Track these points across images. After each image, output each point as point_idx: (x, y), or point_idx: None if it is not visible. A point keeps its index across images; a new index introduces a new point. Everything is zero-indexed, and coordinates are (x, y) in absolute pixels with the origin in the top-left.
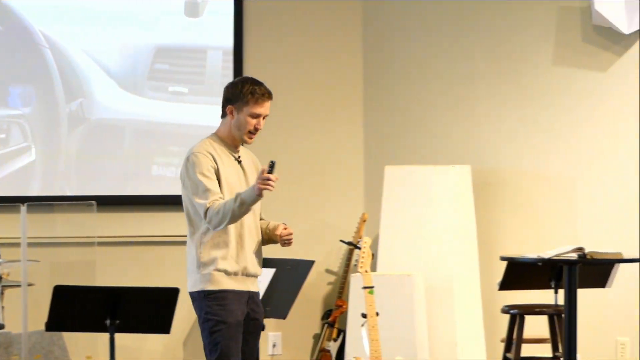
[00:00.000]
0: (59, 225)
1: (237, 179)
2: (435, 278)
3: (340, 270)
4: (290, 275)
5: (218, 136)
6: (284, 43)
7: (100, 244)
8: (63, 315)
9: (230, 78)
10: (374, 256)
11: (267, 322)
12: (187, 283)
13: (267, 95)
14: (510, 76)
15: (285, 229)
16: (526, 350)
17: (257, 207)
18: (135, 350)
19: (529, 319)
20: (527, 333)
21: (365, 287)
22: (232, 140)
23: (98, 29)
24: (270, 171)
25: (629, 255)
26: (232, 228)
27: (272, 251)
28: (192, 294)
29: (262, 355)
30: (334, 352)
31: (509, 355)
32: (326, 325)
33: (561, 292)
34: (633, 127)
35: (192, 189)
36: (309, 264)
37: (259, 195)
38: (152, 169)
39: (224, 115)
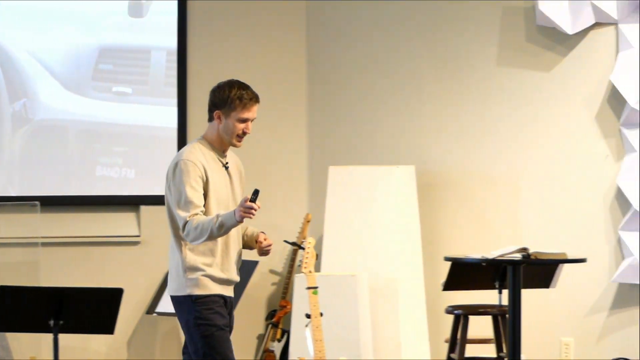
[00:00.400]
0: (2, 226)
1: (224, 186)
2: (380, 278)
3: (284, 270)
4: None
5: (207, 140)
6: (228, 43)
7: (44, 244)
8: (6, 315)
9: (174, 78)
10: (318, 256)
11: None
12: (169, 285)
13: (255, 99)
14: (454, 77)
15: (265, 239)
16: (470, 350)
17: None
18: (79, 351)
19: (473, 319)
20: (471, 333)
21: (309, 288)
22: (221, 145)
23: (42, 29)
24: (254, 199)
25: (573, 255)
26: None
27: None
28: (176, 298)
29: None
30: (278, 353)
31: (453, 355)
32: (270, 326)
33: (505, 292)
34: (577, 128)
35: (175, 197)
36: (252, 265)
37: (239, 222)
38: (96, 169)
39: (210, 119)
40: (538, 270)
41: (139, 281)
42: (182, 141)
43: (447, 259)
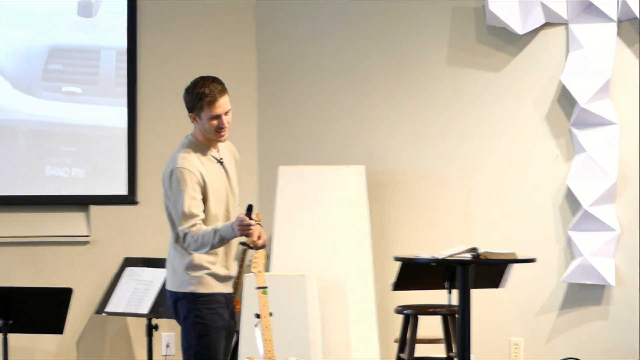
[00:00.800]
0: None
1: (222, 183)
2: (329, 278)
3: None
4: None
5: (197, 140)
6: (177, 43)
7: None
8: None
9: (124, 78)
10: (267, 256)
11: (160, 322)
12: (169, 281)
13: (218, 93)
14: (405, 77)
15: (259, 237)
16: (420, 350)
17: (237, 206)
18: (29, 351)
19: (422, 319)
20: (421, 333)
21: (258, 288)
22: (209, 142)
23: None
24: (249, 215)
25: (523, 255)
26: None
27: (166, 251)
28: (177, 294)
29: (155, 356)
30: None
31: (402, 355)
32: None
33: (455, 292)
34: (527, 128)
35: (173, 206)
36: None
37: (238, 236)
38: (46, 169)
39: (193, 120)
40: (488, 270)
41: (88, 281)
42: (131, 141)
43: (396, 259)
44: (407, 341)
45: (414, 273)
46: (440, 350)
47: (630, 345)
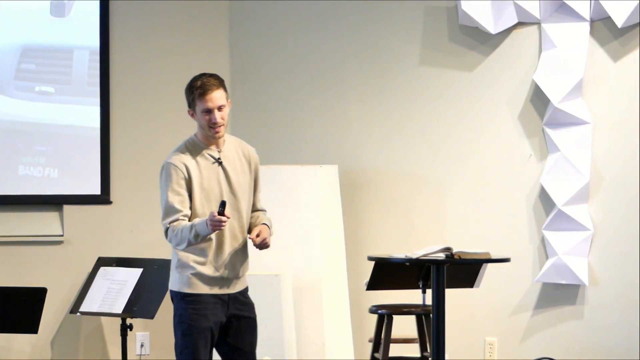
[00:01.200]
0: None
1: (216, 182)
2: (303, 278)
3: None
4: (157, 275)
5: (197, 138)
6: (150, 43)
7: None
8: None
9: (97, 78)
10: None
11: (134, 322)
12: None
13: (208, 87)
14: (378, 77)
15: (258, 235)
16: (394, 350)
17: (243, 208)
18: (3, 350)
19: (397, 319)
20: (395, 333)
21: None
22: (207, 140)
23: None
24: (221, 211)
25: (497, 255)
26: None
27: (139, 251)
28: (170, 292)
29: (130, 355)
30: None
31: (376, 355)
32: None
33: (429, 292)
34: (500, 127)
35: (161, 199)
36: None
37: (211, 232)
38: (19, 169)
39: (192, 117)
40: (462, 270)
41: (63, 281)
42: (105, 140)
43: (370, 258)
44: (381, 341)
45: (388, 273)
46: (414, 350)
47: (605, 344)
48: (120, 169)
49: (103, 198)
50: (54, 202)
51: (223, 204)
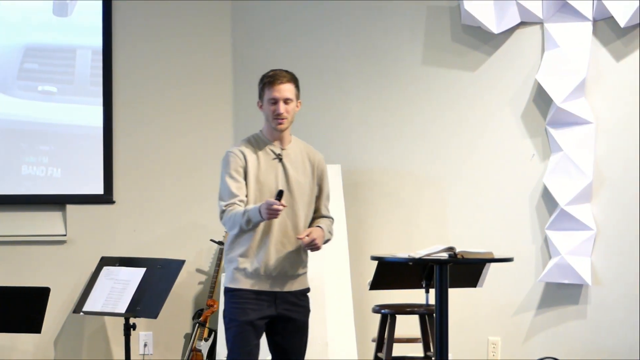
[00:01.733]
0: None
1: (273, 177)
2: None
3: (211, 269)
4: (160, 275)
5: (262, 133)
6: (153, 43)
7: None
8: None
9: (99, 77)
10: None
11: (137, 321)
12: None
13: (278, 77)
14: (381, 76)
15: (308, 235)
16: (397, 350)
17: (299, 207)
18: (6, 350)
19: (400, 319)
20: (399, 333)
21: None
22: (272, 135)
23: None
24: (278, 199)
25: (500, 254)
26: (259, 226)
27: (142, 250)
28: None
29: (133, 355)
30: (205, 352)
31: (380, 354)
32: (197, 325)
33: (432, 291)
34: (503, 127)
35: (219, 186)
36: (179, 264)
37: (266, 219)
38: (22, 168)
39: (260, 109)
40: (465, 270)
41: (66, 280)
42: (107, 140)
43: (373, 258)
44: (384, 340)
45: (391, 272)
46: (418, 349)
47: (608, 344)
48: (123, 169)
49: (106, 198)
50: (57, 202)
51: (280, 193)
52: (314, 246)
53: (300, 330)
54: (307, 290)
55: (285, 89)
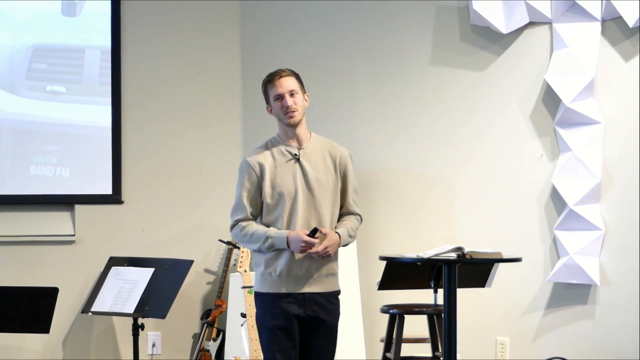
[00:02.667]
0: None
1: (291, 178)
2: None
3: (220, 269)
4: (169, 275)
5: (278, 136)
6: (162, 42)
7: None
8: None
9: (108, 78)
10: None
11: (146, 321)
12: None
13: (277, 73)
14: (389, 76)
15: (325, 234)
16: (406, 350)
17: (321, 206)
18: (15, 350)
19: (408, 319)
20: (407, 333)
21: (244, 287)
22: (287, 135)
23: None
24: (312, 235)
25: (508, 255)
26: (281, 229)
27: (151, 250)
28: None
29: (141, 355)
30: (213, 352)
31: (388, 355)
32: (206, 325)
33: (441, 291)
34: (511, 127)
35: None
36: (188, 264)
37: (295, 251)
38: (30, 168)
39: (270, 113)
40: (473, 270)
41: (74, 280)
42: (116, 140)
43: (382, 258)
44: (393, 340)
45: (400, 272)
46: (426, 349)
47: (616, 344)
48: (131, 169)
49: (114, 198)
50: (66, 202)
51: (314, 231)
52: (325, 254)
53: (328, 333)
54: (338, 292)
55: (287, 82)
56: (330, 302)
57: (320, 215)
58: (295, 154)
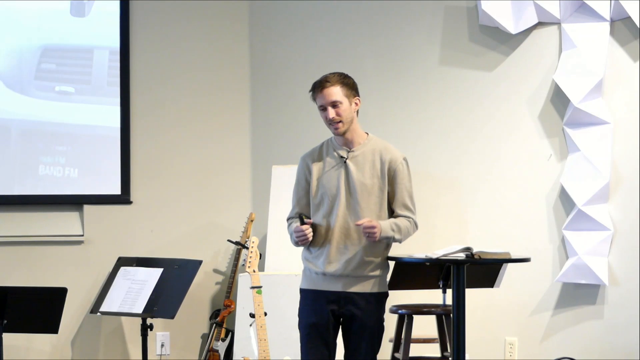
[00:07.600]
0: None
1: (335, 181)
2: None
3: (228, 270)
4: (178, 275)
5: (333, 137)
6: (171, 43)
7: None
8: None
9: (117, 78)
10: (261, 256)
11: (155, 322)
12: None
13: (321, 83)
14: (397, 76)
15: (369, 220)
16: (415, 350)
17: (362, 208)
18: (23, 350)
19: (417, 319)
20: (416, 333)
21: (253, 287)
22: (338, 138)
23: None
24: (302, 222)
25: (517, 255)
26: (321, 229)
27: (160, 251)
28: None
29: (150, 355)
30: (222, 352)
31: (397, 355)
32: (214, 325)
33: (449, 292)
34: (520, 127)
35: None
36: (196, 264)
37: (298, 244)
38: (39, 168)
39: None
40: (482, 270)
41: (83, 280)
42: (125, 140)
43: (390, 258)
44: (401, 341)
45: (408, 272)
46: (435, 349)
47: (625, 344)
48: (140, 169)
49: (123, 198)
50: (74, 202)
51: (301, 217)
52: (370, 233)
53: (366, 333)
54: (379, 294)
55: (330, 93)
56: (367, 303)
57: (359, 217)
58: (342, 157)
